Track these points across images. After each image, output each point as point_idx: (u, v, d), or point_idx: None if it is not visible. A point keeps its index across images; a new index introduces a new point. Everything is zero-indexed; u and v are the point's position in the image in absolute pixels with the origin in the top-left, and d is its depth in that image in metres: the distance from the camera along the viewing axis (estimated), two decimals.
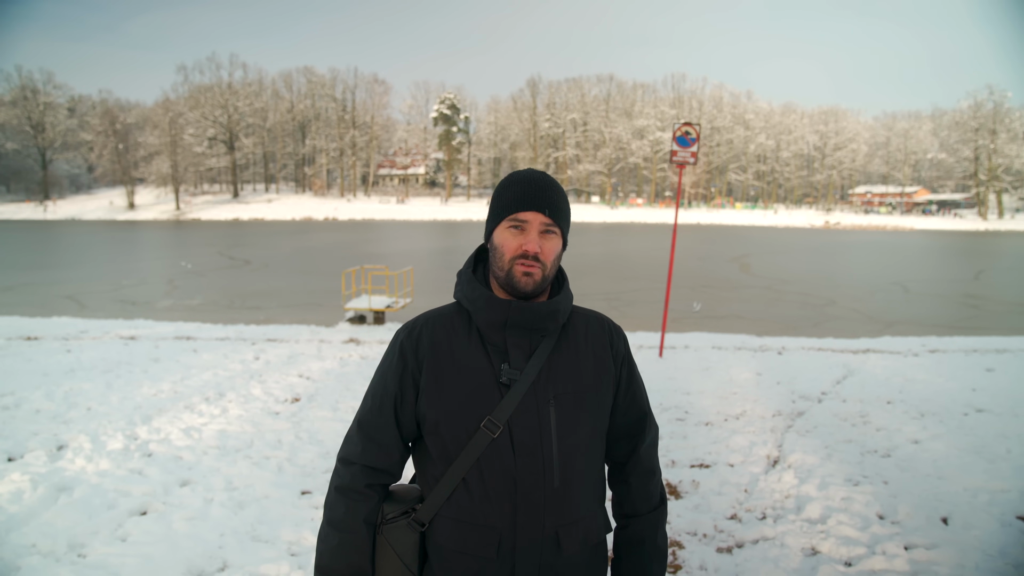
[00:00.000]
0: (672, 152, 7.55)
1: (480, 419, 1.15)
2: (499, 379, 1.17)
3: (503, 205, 1.21)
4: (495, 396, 1.16)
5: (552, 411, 1.18)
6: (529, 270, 1.18)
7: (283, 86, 77.60)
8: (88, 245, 30.64)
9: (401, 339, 1.25)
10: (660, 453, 4.39)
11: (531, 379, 1.18)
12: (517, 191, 1.20)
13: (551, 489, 1.17)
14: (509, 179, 1.24)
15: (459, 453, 1.16)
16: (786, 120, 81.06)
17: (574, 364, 1.24)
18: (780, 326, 11.15)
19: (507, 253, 1.19)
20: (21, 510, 3.33)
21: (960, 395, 5.85)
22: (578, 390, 1.22)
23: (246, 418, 5.01)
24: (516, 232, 1.19)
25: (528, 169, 1.26)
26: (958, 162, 68.54)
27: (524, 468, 1.16)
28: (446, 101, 74.76)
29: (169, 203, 64.35)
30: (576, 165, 79.34)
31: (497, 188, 1.26)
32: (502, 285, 1.21)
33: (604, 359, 1.28)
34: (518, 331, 1.20)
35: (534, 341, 1.21)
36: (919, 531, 3.23)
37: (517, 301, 1.20)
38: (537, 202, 1.19)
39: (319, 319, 11.15)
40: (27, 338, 8.39)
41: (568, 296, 1.27)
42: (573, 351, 1.25)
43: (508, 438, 1.16)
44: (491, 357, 1.19)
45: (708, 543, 3.18)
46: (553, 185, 1.22)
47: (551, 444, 1.17)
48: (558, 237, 1.21)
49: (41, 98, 68.87)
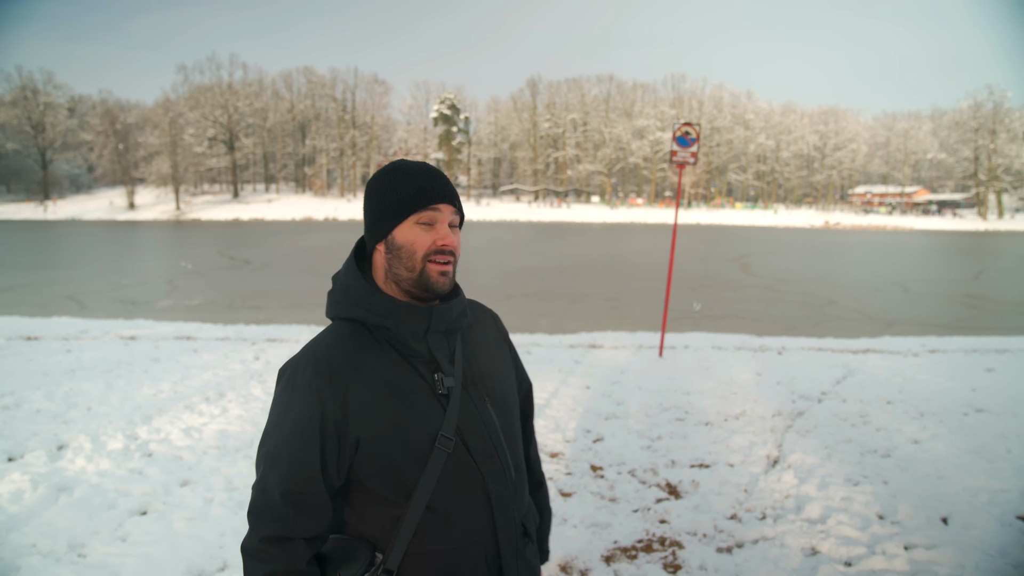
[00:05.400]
0: (672, 152, 7.54)
1: (432, 438, 1.07)
2: (436, 391, 1.10)
3: (405, 200, 1.09)
4: (438, 410, 1.09)
5: (490, 408, 1.17)
6: (445, 268, 1.10)
7: (283, 86, 77.65)
8: (88, 245, 30.63)
9: (307, 381, 1.05)
10: (660, 453, 4.41)
11: (460, 382, 1.14)
12: (421, 183, 1.10)
13: (512, 484, 1.18)
14: (401, 172, 1.12)
15: (418, 481, 1.06)
16: (786, 120, 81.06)
17: (486, 357, 1.23)
18: (780, 326, 11.15)
19: (419, 251, 1.09)
20: (21, 510, 3.33)
21: (960, 395, 5.85)
22: (500, 381, 1.22)
23: (246, 418, 5.01)
24: (426, 228, 1.10)
25: (410, 160, 1.16)
26: (958, 162, 68.54)
27: (489, 472, 1.13)
28: (446, 101, 74.81)
29: (169, 203, 64.34)
30: (576, 165, 79.36)
31: (386, 182, 1.12)
32: (410, 287, 1.11)
33: (501, 344, 1.30)
34: (439, 336, 1.13)
35: (451, 343, 1.16)
36: (919, 531, 3.23)
37: (438, 305, 1.14)
38: (447, 193, 1.12)
39: (319, 319, 11.14)
40: (27, 338, 8.39)
41: (461, 289, 1.23)
42: (478, 344, 1.23)
43: (464, 448, 1.10)
44: (418, 370, 1.11)
45: (708, 543, 3.18)
46: (445, 175, 1.16)
47: (500, 441, 1.17)
48: (459, 230, 1.15)
49: (41, 98, 68.79)
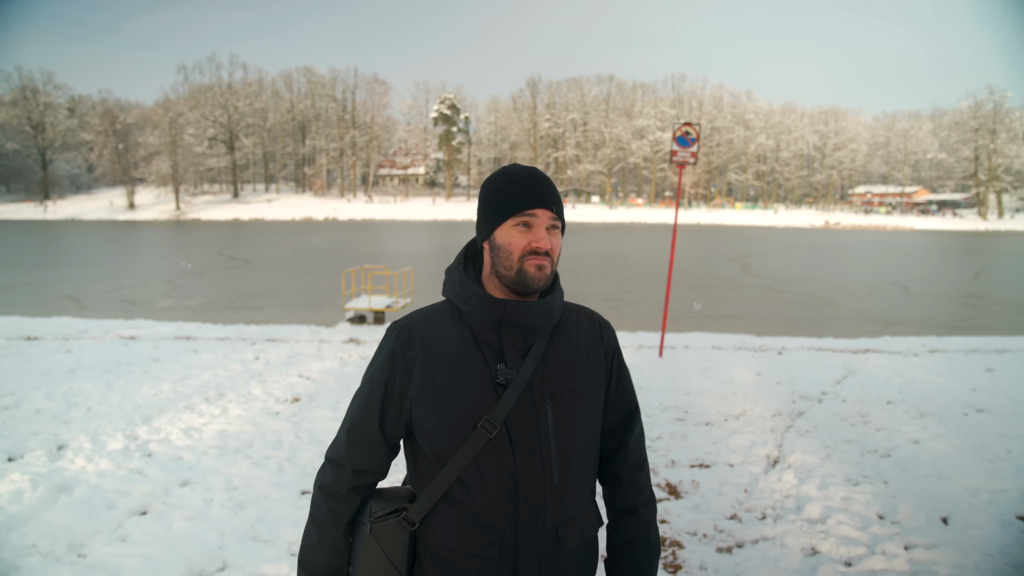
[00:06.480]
0: (672, 152, 7.55)
1: (476, 420, 1.14)
2: (495, 379, 1.16)
3: (506, 203, 1.18)
4: (491, 396, 1.15)
5: (549, 410, 1.18)
6: (542, 263, 1.17)
7: (283, 86, 77.68)
8: (88, 245, 30.63)
9: (390, 340, 1.22)
10: (660, 453, 4.40)
11: (527, 378, 1.17)
12: (521, 188, 1.19)
13: (551, 487, 1.17)
14: (506, 177, 1.22)
15: (454, 453, 1.15)
16: (786, 120, 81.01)
17: (568, 362, 1.23)
18: (780, 326, 11.15)
19: (515, 252, 1.17)
20: (21, 510, 3.33)
21: (960, 395, 5.85)
22: (573, 388, 1.22)
23: (246, 418, 5.01)
24: (524, 230, 1.17)
25: (519, 165, 1.24)
26: (958, 162, 68.51)
27: (524, 468, 1.15)
28: (446, 101, 74.74)
29: (169, 203, 64.34)
30: (576, 165, 79.32)
31: (492, 186, 1.22)
32: (510, 284, 1.19)
33: (596, 355, 1.28)
34: (513, 330, 1.18)
35: (528, 340, 1.20)
36: (919, 531, 3.23)
37: (513, 300, 1.19)
38: (544, 199, 1.19)
39: (319, 319, 11.15)
40: (27, 338, 8.39)
41: (560, 293, 1.27)
42: (566, 348, 1.24)
43: (506, 438, 1.15)
44: (486, 356, 1.17)
45: (708, 543, 3.18)
46: (551, 181, 1.24)
47: (549, 443, 1.17)
48: (559, 233, 1.22)
49: (41, 98, 68.83)
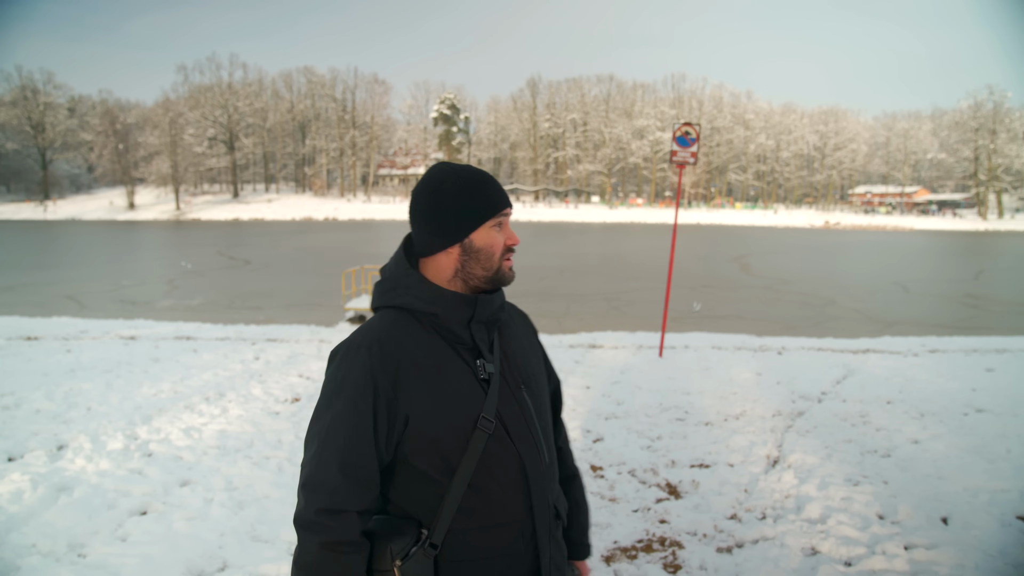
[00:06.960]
0: (672, 152, 7.54)
1: (474, 420, 1.16)
2: (478, 376, 1.20)
3: (484, 205, 1.21)
4: (479, 393, 1.18)
5: (526, 395, 1.25)
6: (511, 263, 1.26)
7: (283, 86, 77.70)
8: (88, 245, 30.63)
9: (358, 359, 1.13)
10: (660, 453, 4.41)
11: (499, 369, 1.23)
12: (493, 189, 1.23)
13: (546, 467, 1.26)
14: (472, 179, 1.22)
15: (460, 460, 1.15)
16: (786, 120, 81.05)
17: (522, 348, 1.32)
18: (780, 326, 11.15)
19: (496, 252, 1.23)
20: (21, 510, 3.34)
21: (960, 395, 5.85)
22: (535, 372, 1.32)
23: (246, 418, 5.01)
24: (498, 230, 1.23)
25: (466, 166, 1.26)
26: (958, 162, 68.54)
27: (527, 454, 1.21)
28: (446, 101, 74.79)
29: (169, 203, 64.35)
30: (576, 165, 79.35)
31: (461, 189, 1.20)
32: (485, 283, 1.23)
33: (534, 340, 1.41)
34: (481, 325, 1.23)
35: (491, 333, 1.26)
36: (919, 531, 3.23)
37: (481, 296, 1.23)
38: (507, 197, 1.27)
39: (319, 319, 11.15)
40: (27, 338, 8.39)
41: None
42: (514, 337, 1.33)
43: (503, 430, 1.19)
44: (462, 356, 1.20)
45: (708, 543, 3.18)
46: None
47: (535, 426, 1.25)
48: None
49: (41, 98, 68.81)
